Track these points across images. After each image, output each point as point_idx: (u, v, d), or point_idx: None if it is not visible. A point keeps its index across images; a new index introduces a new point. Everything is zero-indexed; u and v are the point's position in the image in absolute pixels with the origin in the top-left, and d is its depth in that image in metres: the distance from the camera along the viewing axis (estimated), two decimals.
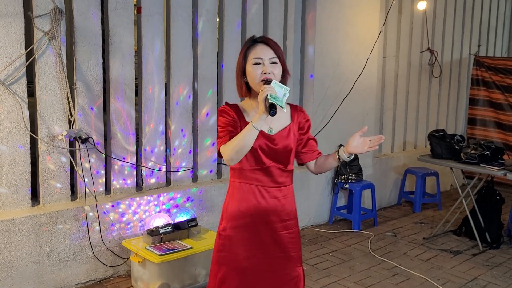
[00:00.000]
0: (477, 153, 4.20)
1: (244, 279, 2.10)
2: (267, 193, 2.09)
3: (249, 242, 2.10)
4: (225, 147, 1.99)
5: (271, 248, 2.11)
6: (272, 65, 2.04)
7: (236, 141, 1.95)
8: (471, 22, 6.61)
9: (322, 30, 4.69)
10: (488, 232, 4.48)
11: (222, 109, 2.10)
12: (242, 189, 2.09)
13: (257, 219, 2.09)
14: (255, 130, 1.92)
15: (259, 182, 2.08)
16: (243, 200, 2.09)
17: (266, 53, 2.04)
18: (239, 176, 2.10)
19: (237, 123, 2.05)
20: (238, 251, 2.09)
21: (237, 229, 2.10)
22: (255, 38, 2.10)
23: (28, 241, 3.23)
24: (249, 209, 2.09)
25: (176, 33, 3.87)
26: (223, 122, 2.07)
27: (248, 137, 1.93)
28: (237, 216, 2.09)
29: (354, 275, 3.81)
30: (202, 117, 4.12)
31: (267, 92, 1.89)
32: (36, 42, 3.20)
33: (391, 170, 5.66)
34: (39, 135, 3.30)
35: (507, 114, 5.84)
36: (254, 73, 2.03)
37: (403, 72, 5.79)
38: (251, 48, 2.07)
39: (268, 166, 2.08)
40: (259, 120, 1.91)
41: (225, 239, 2.11)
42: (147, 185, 3.87)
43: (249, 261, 2.09)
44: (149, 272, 3.33)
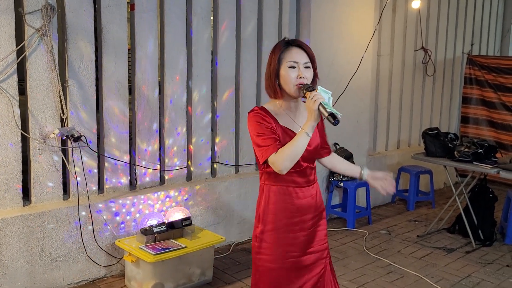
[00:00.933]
0: (470, 151, 4.22)
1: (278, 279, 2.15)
2: (302, 193, 2.14)
3: (286, 243, 2.14)
4: (277, 157, 1.98)
5: (306, 245, 2.17)
6: (306, 69, 2.06)
7: (290, 150, 1.97)
8: (464, 21, 6.64)
9: (317, 28, 4.68)
10: (481, 229, 4.50)
11: (257, 115, 2.07)
12: (279, 192, 2.12)
13: (293, 220, 2.14)
14: (308, 137, 1.96)
15: (295, 184, 2.13)
16: (280, 202, 2.12)
17: (301, 57, 2.06)
18: (275, 180, 2.12)
19: (274, 128, 2.05)
20: (275, 252, 2.14)
21: (275, 232, 2.13)
22: (288, 41, 2.11)
23: (19, 241, 3.19)
24: (286, 211, 2.12)
25: (170, 31, 3.84)
26: (264, 129, 2.03)
27: (302, 145, 1.97)
28: (275, 219, 2.13)
29: (349, 273, 3.81)
30: (196, 115, 4.09)
31: (320, 100, 1.92)
32: (27, 39, 3.15)
33: (385, 168, 5.67)
34: (30, 133, 3.26)
35: (499, 112, 5.87)
36: (289, 77, 2.04)
37: (397, 70, 5.80)
38: (286, 51, 2.07)
39: (304, 168, 2.13)
40: (311, 127, 1.95)
41: (262, 242, 2.15)
42: (141, 183, 3.84)
43: (285, 261, 2.14)
44: (143, 272, 3.30)
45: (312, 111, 1.92)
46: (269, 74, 2.09)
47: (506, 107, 5.77)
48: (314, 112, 1.92)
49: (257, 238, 2.17)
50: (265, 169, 2.11)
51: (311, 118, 1.94)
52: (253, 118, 2.07)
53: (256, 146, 2.07)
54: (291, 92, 2.06)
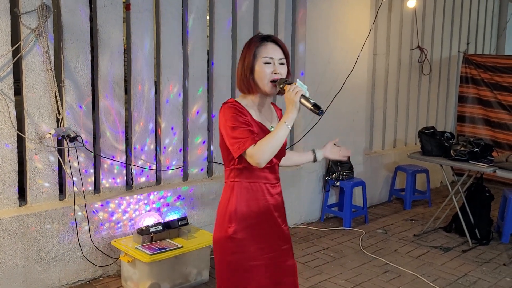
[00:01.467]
0: (466, 150, 4.23)
1: (260, 276, 2.12)
2: (273, 190, 2.13)
3: (259, 240, 2.10)
4: (255, 149, 1.92)
5: (278, 242, 2.16)
6: (280, 65, 2.04)
7: (271, 141, 1.92)
8: (460, 20, 6.66)
9: (313, 27, 4.69)
10: (478, 228, 4.51)
11: (233, 107, 2.00)
12: (251, 189, 2.07)
13: (266, 217, 2.12)
14: (288, 129, 1.93)
15: (267, 180, 2.10)
16: (252, 199, 2.07)
17: (276, 53, 2.04)
18: (247, 176, 2.06)
19: (250, 121, 2.00)
20: (250, 250, 2.09)
21: (248, 229, 2.08)
22: (263, 36, 2.07)
23: (15, 241, 3.18)
24: (259, 208, 2.09)
25: (166, 31, 3.83)
26: (239, 121, 1.97)
27: (282, 137, 1.94)
28: (248, 217, 2.07)
29: (345, 272, 3.81)
30: (192, 115, 4.09)
31: (301, 92, 1.91)
32: (23, 39, 3.15)
33: (382, 167, 5.68)
34: (26, 133, 3.25)
35: (495, 111, 5.89)
36: (264, 72, 2.01)
37: (393, 70, 5.81)
38: (261, 46, 2.04)
39: (274, 164, 2.12)
40: (291, 119, 1.92)
41: (237, 241, 2.07)
42: (137, 183, 3.84)
43: (262, 257, 2.12)
44: (139, 272, 3.30)
45: (294, 103, 1.90)
46: (243, 70, 2.04)
47: (502, 105, 5.79)
48: (295, 103, 1.90)
49: (232, 238, 2.06)
50: (235, 166, 2.04)
51: (293, 110, 1.91)
52: (228, 110, 1.99)
53: (230, 138, 1.97)
54: (264, 87, 2.02)
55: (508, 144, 5.75)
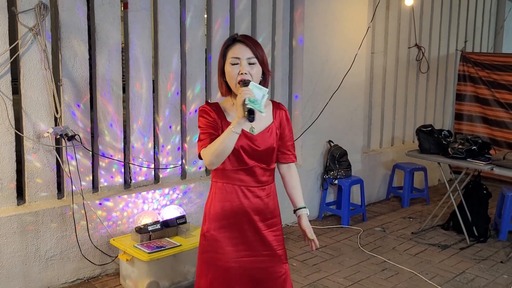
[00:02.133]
0: (464, 148, 4.24)
1: (233, 279, 2.08)
2: (250, 193, 2.08)
3: (235, 242, 2.08)
4: (206, 151, 1.96)
5: (257, 246, 2.10)
6: (250, 66, 1.99)
7: (216, 145, 1.92)
8: (457, 18, 6.66)
9: (310, 26, 4.69)
10: (476, 226, 4.53)
11: (202, 109, 2.06)
12: (225, 190, 2.07)
13: (241, 219, 2.08)
14: (235, 134, 1.89)
15: (242, 182, 2.06)
16: (226, 200, 2.07)
17: (244, 53, 1.99)
18: (221, 177, 2.07)
19: (218, 124, 2.02)
20: (225, 251, 2.07)
21: (221, 230, 2.07)
22: (235, 37, 2.05)
23: (13, 240, 3.18)
24: (233, 209, 2.07)
25: (163, 29, 3.83)
26: (204, 123, 2.03)
27: (228, 142, 1.90)
28: (221, 217, 2.07)
29: (344, 270, 3.82)
30: (190, 114, 4.09)
31: (245, 96, 1.85)
32: (21, 38, 3.14)
33: (380, 165, 5.69)
34: (24, 132, 3.25)
35: (493, 109, 5.90)
36: (232, 73, 1.99)
37: (391, 68, 5.82)
38: (230, 47, 2.03)
39: (251, 166, 2.06)
40: (238, 124, 1.88)
41: (210, 240, 2.08)
42: (135, 182, 3.84)
43: (236, 260, 2.08)
44: (138, 270, 3.31)
45: (239, 106, 1.86)
46: (218, 71, 2.08)
47: (499, 103, 5.80)
48: (240, 107, 1.86)
49: (205, 236, 2.09)
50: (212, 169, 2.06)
51: (239, 114, 1.87)
52: (199, 113, 2.07)
53: (198, 140, 2.07)
54: (234, 88, 2.02)
55: (506, 142, 5.76)
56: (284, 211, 2.26)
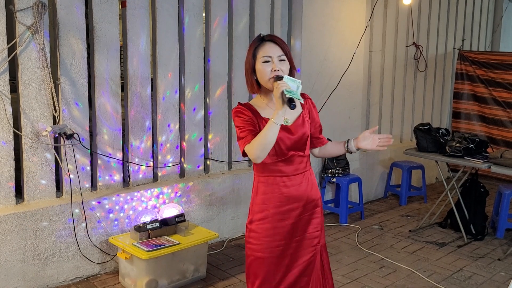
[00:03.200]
0: (461, 146, 4.25)
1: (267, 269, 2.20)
2: (290, 182, 2.19)
3: (273, 232, 2.19)
4: (250, 146, 2.06)
5: (292, 233, 2.22)
6: (281, 62, 2.13)
7: (260, 139, 2.02)
8: (455, 16, 6.68)
9: (309, 25, 4.69)
10: (473, 224, 4.55)
11: (238, 110, 2.16)
12: (267, 182, 2.19)
13: (281, 209, 2.20)
14: (277, 125, 2.00)
15: (282, 173, 2.18)
16: (267, 192, 2.19)
17: (274, 51, 2.13)
18: (262, 171, 2.20)
19: (254, 121, 2.13)
20: (264, 241, 2.19)
21: (261, 221, 2.20)
22: (263, 37, 2.18)
23: (12, 238, 3.18)
24: (274, 200, 2.19)
25: (162, 28, 3.83)
26: (242, 122, 2.13)
27: (271, 134, 2.01)
28: (263, 208, 2.20)
29: (342, 268, 3.84)
30: (189, 112, 4.09)
31: (282, 87, 1.97)
32: (19, 37, 3.14)
33: (378, 164, 5.71)
34: (22, 131, 3.25)
35: (490, 108, 5.91)
36: (264, 70, 2.11)
37: (389, 66, 5.83)
38: (259, 46, 2.15)
39: (289, 156, 2.17)
40: (278, 115, 1.99)
41: (251, 231, 2.23)
42: (134, 181, 3.85)
43: (271, 250, 2.20)
44: (137, 269, 3.31)
45: (277, 99, 1.99)
46: (247, 70, 2.18)
47: (497, 102, 5.82)
48: (278, 99, 1.98)
49: (247, 228, 2.26)
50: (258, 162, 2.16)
51: (278, 106, 1.99)
52: (234, 114, 2.17)
53: (237, 139, 2.16)
54: (267, 85, 2.13)
55: (503, 140, 5.78)
56: None
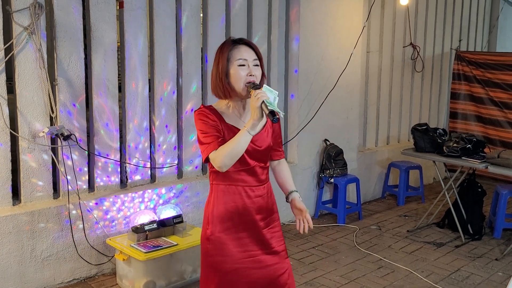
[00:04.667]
0: (459, 147, 4.26)
1: (240, 280, 2.09)
2: (253, 193, 2.09)
3: (239, 243, 2.09)
4: (217, 154, 1.95)
5: (260, 245, 2.12)
6: (255, 67, 2.03)
7: (230, 147, 1.93)
8: (452, 17, 6.69)
9: (306, 25, 4.70)
10: (470, 224, 4.56)
11: (201, 112, 2.04)
12: (228, 191, 2.07)
13: (244, 220, 2.09)
14: (249, 135, 1.92)
15: (244, 183, 2.08)
16: (229, 202, 2.07)
17: (250, 55, 2.03)
18: (223, 179, 2.07)
19: (219, 127, 2.01)
20: (230, 253, 2.08)
21: (226, 231, 2.07)
22: (235, 40, 2.08)
23: (9, 240, 3.17)
24: (237, 210, 2.07)
25: (159, 28, 3.83)
26: (206, 126, 2.01)
27: (243, 143, 1.93)
28: (225, 219, 2.08)
29: (340, 268, 3.84)
30: (186, 113, 4.09)
31: (262, 98, 1.88)
32: (15, 37, 3.13)
33: (375, 164, 5.71)
34: (19, 132, 3.24)
35: (487, 108, 5.92)
36: (239, 75, 2.00)
37: (386, 67, 5.84)
38: (234, 49, 2.04)
39: (252, 166, 2.08)
40: (253, 125, 1.90)
41: (215, 243, 2.08)
42: (132, 182, 3.84)
43: (242, 261, 2.09)
44: (134, 270, 3.30)
45: (255, 109, 1.88)
46: (218, 74, 2.04)
47: (494, 102, 5.83)
48: (256, 109, 1.88)
49: (209, 240, 2.08)
50: (212, 168, 2.06)
51: (254, 116, 1.89)
52: (197, 116, 2.04)
53: (199, 143, 2.04)
54: (240, 91, 2.01)
55: (500, 140, 5.79)
56: (279, 210, 2.27)
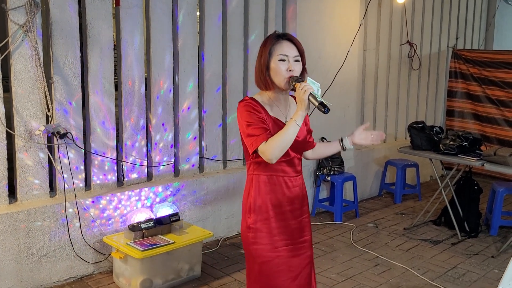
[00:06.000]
0: (455, 144, 4.27)
1: (277, 268, 2.17)
2: (291, 183, 2.18)
3: (278, 231, 2.16)
4: (267, 146, 2.01)
5: (297, 234, 2.22)
6: (295, 63, 2.10)
7: (281, 139, 2.00)
8: (449, 15, 6.70)
9: (303, 23, 4.69)
10: (467, 221, 4.57)
11: (248, 104, 2.09)
12: (269, 182, 2.15)
13: (284, 209, 2.18)
14: (298, 126, 2.00)
15: (285, 173, 2.16)
16: (271, 192, 2.15)
17: (291, 50, 2.10)
18: (265, 170, 2.14)
19: (265, 118, 2.08)
20: (270, 241, 2.16)
21: (267, 221, 2.15)
22: (279, 34, 2.14)
23: (5, 239, 3.16)
24: (278, 200, 2.16)
25: (155, 26, 3.82)
26: (254, 119, 2.06)
27: (292, 134, 2.00)
28: (267, 208, 2.15)
29: (337, 266, 3.84)
30: (183, 111, 4.08)
31: (310, 90, 1.97)
32: (11, 36, 3.12)
33: (372, 162, 5.72)
34: (15, 130, 3.23)
35: (484, 106, 5.94)
36: (279, 69, 2.08)
37: (383, 65, 5.84)
38: (276, 44, 2.11)
39: (292, 157, 2.16)
40: (300, 116, 1.99)
41: (256, 232, 2.16)
42: (128, 180, 3.83)
43: (279, 249, 2.17)
44: (131, 268, 3.30)
45: (302, 101, 1.97)
46: (260, 67, 2.12)
47: (490, 100, 5.84)
48: (304, 101, 1.97)
49: (251, 228, 2.16)
50: (254, 159, 2.13)
51: (301, 107, 1.98)
52: (244, 108, 2.09)
53: (246, 135, 2.08)
54: (280, 84, 2.10)
55: (496, 138, 5.81)
56: None
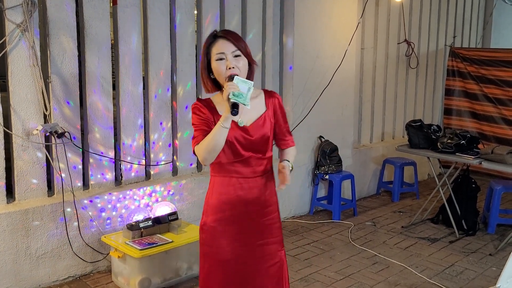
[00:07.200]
0: (453, 143, 4.28)
1: (228, 271, 2.12)
2: (247, 184, 2.10)
3: (230, 234, 2.11)
4: (199, 147, 2.00)
5: (252, 237, 2.13)
6: (236, 58, 2.02)
7: (207, 141, 1.96)
8: (446, 13, 6.71)
9: (301, 22, 4.70)
10: (464, 219, 4.58)
11: (194, 106, 2.09)
12: (222, 183, 2.11)
13: (237, 211, 2.11)
14: (224, 129, 1.93)
15: (238, 174, 2.09)
16: (223, 193, 2.10)
17: (227, 47, 2.02)
18: (218, 170, 2.11)
19: (210, 120, 2.04)
20: (221, 243, 2.11)
21: (217, 222, 2.12)
22: (216, 33, 2.07)
23: (3, 238, 3.16)
24: (230, 201, 2.10)
25: (153, 25, 3.81)
26: (196, 120, 2.06)
27: (218, 137, 1.94)
28: (218, 210, 2.11)
29: (335, 264, 3.85)
30: (181, 110, 4.08)
31: (230, 90, 1.88)
32: (8, 35, 3.11)
33: (370, 160, 5.73)
34: (13, 130, 3.22)
35: (482, 104, 5.95)
36: (219, 69, 2.02)
37: (381, 63, 5.84)
38: (212, 44, 2.05)
39: (246, 157, 2.08)
40: (226, 119, 1.91)
41: (207, 233, 2.13)
42: (126, 179, 3.83)
43: (231, 252, 2.11)
44: (130, 267, 3.30)
45: (225, 102, 1.91)
46: (202, 70, 2.09)
47: (488, 98, 5.86)
48: (226, 102, 1.90)
49: (202, 229, 2.15)
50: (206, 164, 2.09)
51: (226, 108, 1.90)
52: (192, 110, 2.11)
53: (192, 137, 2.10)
54: (224, 84, 2.01)
55: (494, 136, 5.83)
56: None
